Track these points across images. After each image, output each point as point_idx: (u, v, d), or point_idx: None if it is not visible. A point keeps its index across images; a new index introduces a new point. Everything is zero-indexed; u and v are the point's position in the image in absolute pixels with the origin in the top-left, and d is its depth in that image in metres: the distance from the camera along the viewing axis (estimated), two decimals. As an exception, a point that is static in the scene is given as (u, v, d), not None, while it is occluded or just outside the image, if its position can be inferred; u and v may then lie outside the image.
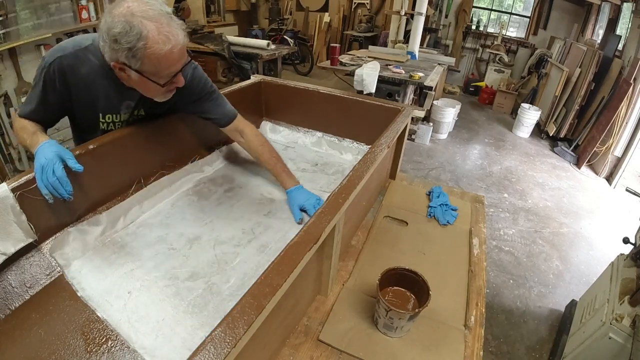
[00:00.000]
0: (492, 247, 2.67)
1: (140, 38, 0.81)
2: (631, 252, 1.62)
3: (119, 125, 1.09)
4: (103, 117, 1.04)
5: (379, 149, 1.03)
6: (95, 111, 1.02)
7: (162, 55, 0.85)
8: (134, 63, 0.85)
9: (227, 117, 1.22)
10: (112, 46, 0.83)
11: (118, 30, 0.80)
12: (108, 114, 1.04)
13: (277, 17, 6.77)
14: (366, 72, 3.14)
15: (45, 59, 0.92)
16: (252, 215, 1.16)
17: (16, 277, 0.82)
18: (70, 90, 0.96)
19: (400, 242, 1.11)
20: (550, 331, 2.04)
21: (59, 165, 0.82)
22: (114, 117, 1.06)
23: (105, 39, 0.84)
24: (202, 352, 0.47)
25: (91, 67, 0.94)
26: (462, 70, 6.56)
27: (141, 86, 0.94)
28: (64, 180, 0.82)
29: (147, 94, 0.98)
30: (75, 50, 0.93)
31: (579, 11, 5.30)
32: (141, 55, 0.83)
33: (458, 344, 0.80)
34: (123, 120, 1.09)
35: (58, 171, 0.81)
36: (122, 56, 0.84)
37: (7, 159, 2.93)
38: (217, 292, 0.87)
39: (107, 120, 1.06)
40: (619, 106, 3.60)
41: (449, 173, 3.72)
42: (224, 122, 1.23)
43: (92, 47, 0.94)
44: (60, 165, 0.82)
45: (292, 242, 0.67)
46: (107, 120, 1.06)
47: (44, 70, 0.91)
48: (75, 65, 0.93)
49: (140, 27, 0.80)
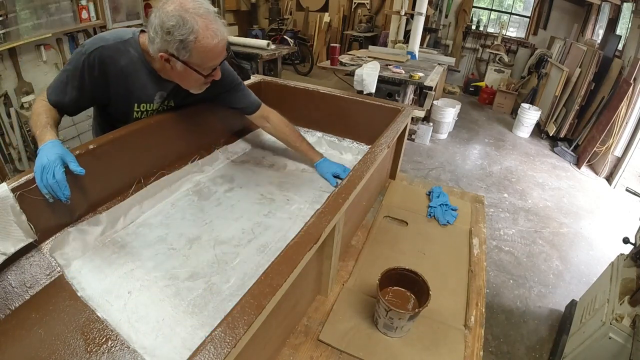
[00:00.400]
0: (492, 247, 2.67)
1: (192, 32, 0.89)
2: (631, 252, 1.62)
3: (150, 114, 1.17)
4: (138, 107, 1.12)
5: (379, 149, 1.03)
6: (130, 101, 1.09)
7: (209, 48, 0.94)
8: (182, 54, 0.93)
9: (253, 105, 1.33)
10: (164, 38, 0.90)
11: (172, 24, 0.88)
12: (142, 103, 1.12)
13: (277, 17, 6.77)
14: (366, 72, 3.14)
15: (86, 46, 0.97)
16: (252, 215, 1.16)
17: (16, 277, 0.82)
18: (108, 80, 1.01)
19: (400, 242, 1.11)
20: (550, 331, 2.04)
21: (59, 169, 0.82)
22: (147, 106, 1.13)
23: (157, 32, 0.91)
24: (202, 352, 0.47)
25: (130, 59, 1.02)
26: (462, 70, 6.56)
27: (183, 77, 1.01)
28: (63, 184, 0.82)
29: (185, 85, 1.06)
30: (116, 42, 0.99)
31: (579, 11, 5.30)
32: (191, 47, 0.92)
33: (458, 344, 0.80)
34: (154, 109, 1.16)
35: (58, 174, 0.81)
36: (172, 47, 0.92)
37: (7, 159, 2.93)
38: (217, 292, 0.87)
39: (141, 109, 1.13)
40: (619, 106, 3.60)
41: (449, 173, 3.72)
42: (251, 110, 1.33)
43: (132, 40, 1.02)
44: (61, 169, 0.82)
45: (292, 242, 0.67)
46: (141, 109, 1.13)
47: (84, 57, 0.96)
48: (115, 56, 0.99)
49: (192, 22, 0.89)
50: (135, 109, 1.12)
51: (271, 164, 1.47)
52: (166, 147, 1.22)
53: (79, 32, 3.26)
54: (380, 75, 3.26)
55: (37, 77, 3.03)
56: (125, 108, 1.10)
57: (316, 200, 1.25)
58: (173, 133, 1.23)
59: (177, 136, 1.25)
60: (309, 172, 1.42)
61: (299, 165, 1.47)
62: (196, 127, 1.32)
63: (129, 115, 1.12)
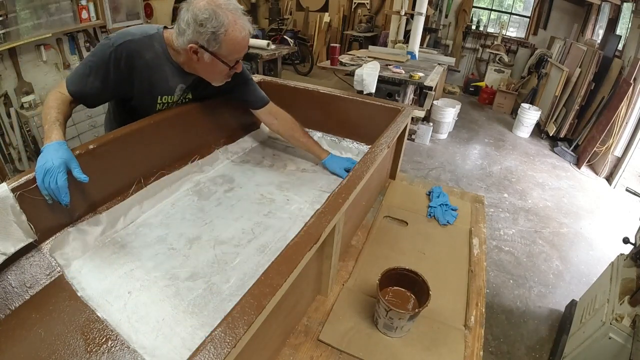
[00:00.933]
0: (492, 247, 2.67)
1: (222, 25, 0.97)
2: (631, 252, 1.62)
3: (171, 106, 1.22)
4: (160, 99, 1.16)
5: (379, 149, 1.03)
6: (154, 93, 1.14)
7: (237, 41, 1.02)
8: (212, 45, 1.00)
9: (262, 100, 1.38)
10: (197, 29, 0.97)
11: (206, 17, 0.96)
12: (165, 95, 1.17)
13: (277, 17, 6.77)
14: (366, 72, 3.14)
15: (112, 39, 1.01)
16: (252, 215, 1.16)
17: (16, 277, 0.81)
18: (133, 73, 1.05)
19: (400, 242, 1.11)
20: (550, 331, 2.04)
21: (62, 175, 0.82)
22: (168, 98, 1.18)
23: (189, 24, 0.97)
24: (202, 352, 0.47)
25: (155, 53, 1.07)
26: (462, 70, 6.56)
27: (208, 68, 1.07)
28: (64, 191, 0.82)
29: (208, 77, 1.13)
30: (143, 37, 1.05)
31: (579, 11, 5.30)
32: (221, 39, 0.99)
33: (458, 344, 0.80)
34: (175, 101, 1.22)
35: (60, 181, 0.81)
36: (203, 39, 0.99)
37: (7, 159, 2.93)
38: (217, 292, 0.87)
39: (163, 101, 1.18)
40: (619, 106, 3.60)
41: (449, 173, 3.72)
42: (260, 105, 1.38)
43: (157, 35, 1.07)
44: (64, 175, 0.82)
45: (292, 242, 0.67)
46: (163, 101, 1.18)
47: (111, 50, 1.00)
48: (141, 50, 1.04)
49: (223, 17, 0.97)
50: (158, 101, 1.16)
51: (271, 164, 1.47)
52: (166, 147, 1.22)
53: (79, 32, 3.26)
54: (380, 75, 3.26)
55: (37, 77, 3.03)
56: (148, 101, 1.15)
57: (316, 200, 1.25)
58: (173, 133, 1.23)
59: (177, 136, 1.25)
60: (309, 172, 1.42)
61: (299, 165, 1.47)
62: (196, 127, 1.32)
63: (152, 107, 1.17)
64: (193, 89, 1.24)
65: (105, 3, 3.31)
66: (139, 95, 1.12)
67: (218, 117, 1.43)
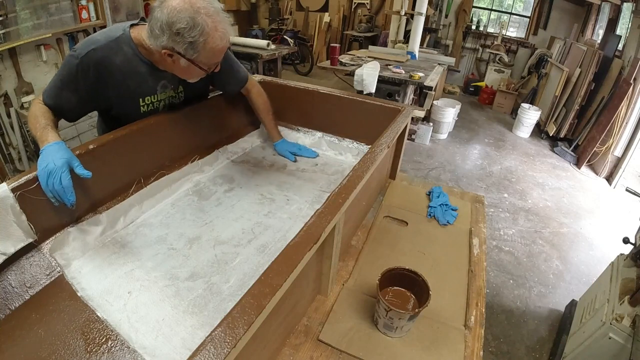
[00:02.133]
0: (492, 247, 2.67)
1: (202, 34, 0.90)
2: (631, 252, 1.62)
3: (158, 105, 1.17)
4: (143, 101, 1.12)
5: (379, 149, 1.03)
6: (134, 97, 1.09)
7: (217, 49, 0.96)
8: (190, 54, 0.94)
9: (242, 82, 1.38)
10: (173, 38, 0.90)
11: (183, 26, 0.88)
12: (147, 96, 1.12)
13: (277, 17, 6.77)
14: (366, 72, 3.14)
15: (77, 50, 0.96)
16: (252, 215, 1.16)
17: (16, 277, 0.81)
18: (106, 80, 1.00)
19: (400, 242, 1.11)
20: (550, 331, 2.04)
21: (66, 175, 0.82)
22: (152, 97, 1.13)
23: (164, 30, 0.90)
24: (202, 352, 0.47)
25: (125, 56, 1.01)
26: (462, 70, 6.56)
27: (184, 71, 1.02)
28: (69, 190, 0.82)
29: (184, 77, 1.06)
30: (108, 42, 0.98)
31: (579, 11, 5.30)
32: (200, 48, 0.93)
33: (458, 344, 0.80)
34: (161, 99, 1.17)
35: (65, 180, 0.81)
36: (180, 47, 0.92)
37: (7, 159, 2.93)
38: (217, 292, 0.87)
39: (147, 102, 1.13)
40: (619, 106, 3.60)
41: (449, 173, 3.72)
42: (239, 87, 1.38)
43: (124, 37, 1.01)
44: (68, 175, 0.82)
45: (292, 242, 0.67)
46: (147, 102, 1.13)
47: (78, 61, 0.95)
48: (109, 56, 0.98)
49: (203, 24, 0.89)
50: (141, 104, 1.12)
51: (271, 164, 1.47)
52: (166, 147, 1.22)
53: (79, 32, 3.26)
54: (380, 75, 3.26)
55: (37, 77, 3.03)
56: (131, 105, 1.11)
57: (316, 200, 1.25)
58: (173, 133, 1.23)
59: (177, 136, 1.25)
60: (309, 172, 1.42)
61: (299, 165, 1.47)
62: (196, 127, 1.32)
63: (137, 110, 1.13)
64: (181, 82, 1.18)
65: (105, 3, 3.30)
66: (119, 102, 1.08)
67: (218, 117, 1.43)
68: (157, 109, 1.18)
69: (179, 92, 1.21)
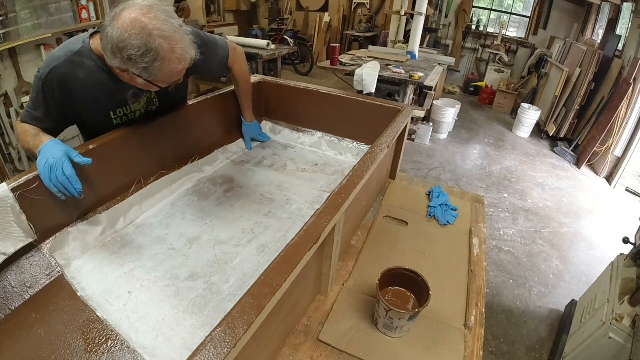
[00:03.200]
0: (492, 247, 2.67)
1: (157, 59, 0.81)
2: (631, 252, 1.62)
3: (133, 116, 1.11)
4: (115, 114, 1.06)
5: (379, 149, 1.03)
6: (104, 110, 1.04)
7: (174, 73, 0.88)
8: (145, 76, 0.86)
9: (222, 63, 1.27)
10: (125, 62, 0.82)
11: (134, 52, 0.79)
12: (118, 108, 1.06)
13: (277, 17, 6.77)
14: (366, 72, 3.14)
15: (41, 71, 0.92)
16: (252, 215, 1.16)
17: (16, 277, 0.82)
18: (72, 96, 0.96)
19: (400, 242, 1.11)
20: (550, 331, 2.04)
21: (68, 164, 0.82)
22: (124, 109, 1.08)
23: (115, 53, 0.81)
24: (202, 352, 0.47)
25: (88, 70, 0.95)
26: (462, 70, 6.56)
27: (144, 86, 0.94)
28: (74, 179, 0.82)
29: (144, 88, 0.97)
30: (69, 57, 0.92)
31: (579, 11, 5.30)
32: (155, 72, 0.85)
33: (458, 344, 0.80)
34: (135, 110, 1.11)
35: (68, 170, 0.81)
36: (134, 69, 0.84)
37: (7, 159, 2.93)
38: (217, 292, 0.87)
39: (119, 114, 1.07)
40: (619, 106, 3.60)
41: (449, 173, 3.72)
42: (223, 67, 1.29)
43: (84, 49, 0.94)
44: (69, 164, 0.82)
45: (292, 242, 0.67)
46: (119, 114, 1.07)
47: (42, 82, 0.91)
48: (72, 72, 0.93)
49: (158, 49, 0.80)
50: (113, 117, 1.06)
51: (271, 164, 1.47)
52: (166, 147, 1.22)
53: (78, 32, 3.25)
54: (380, 75, 3.26)
55: (37, 77, 3.03)
56: (101, 119, 1.05)
57: (316, 200, 1.25)
58: (173, 133, 1.23)
59: (177, 136, 1.25)
60: (309, 172, 1.42)
61: (299, 165, 1.47)
62: (196, 127, 1.32)
63: (109, 124, 1.07)
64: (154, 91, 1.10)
65: (105, 3, 3.31)
66: (89, 116, 1.03)
67: (218, 117, 1.43)
68: (133, 121, 1.12)
69: (152, 98, 1.15)
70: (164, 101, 1.19)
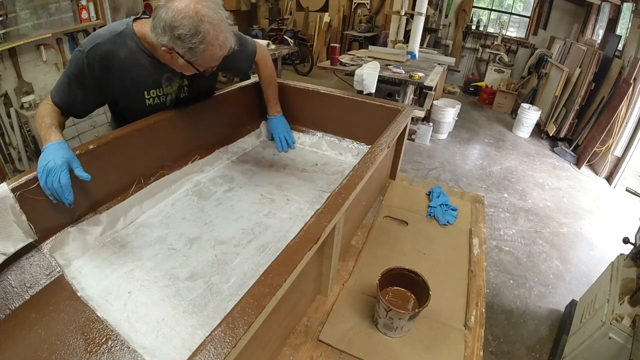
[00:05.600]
0: (492, 247, 2.67)
1: (203, 41, 0.91)
2: (631, 252, 1.62)
3: (164, 99, 1.18)
4: (148, 94, 1.13)
5: (379, 149, 1.03)
6: (139, 89, 1.11)
7: (215, 57, 0.98)
8: (188, 56, 0.95)
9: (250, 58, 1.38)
10: (173, 40, 0.91)
11: (185, 31, 0.89)
12: (152, 89, 1.13)
13: (277, 17, 6.77)
14: (366, 72, 3.14)
15: (83, 46, 0.98)
16: (252, 215, 1.16)
17: (16, 277, 0.82)
18: (111, 74, 1.03)
19: (400, 242, 1.11)
20: (550, 331, 2.04)
21: (65, 174, 0.82)
22: (157, 91, 1.15)
23: (166, 31, 0.90)
24: (202, 352, 0.47)
25: (129, 50, 1.03)
26: (462, 70, 6.56)
27: (180, 67, 1.02)
28: (68, 190, 0.83)
29: (180, 71, 1.07)
30: (112, 36, 1.01)
31: (579, 11, 5.30)
32: (199, 54, 0.94)
33: (458, 344, 0.80)
34: (167, 93, 1.18)
35: (64, 180, 0.82)
36: (179, 49, 0.93)
37: (7, 159, 2.93)
38: (217, 292, 0.87)
39: (152, 95, 1.14)
40: (619, 106, 3.60)
41: (449, 173, 3.72)
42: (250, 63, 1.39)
43: (127, 31, 1.03)
44: (66, 174, 0.82)
45: (292, 242, 0.67)
46: (152, 95, 1.14)
47: (83, 57, 0.97)
48: (114, 50, 1.01)
49: (204, 33, 0.90)
50: (146, 97, 1.13)
51: (271, 164, 1.47)
52: (166, 147, 1.22)
53: (79, 32, 3.26)
54: (380, 75, 3.26)
55: (37, 77, 3.03)
56: (136, 98, 1.12)
57: (316, 200, 1.25)
58: (173, 133, 1.23)
59: (177, 136, 1.25)
60: (309, 172, 1.42)
61: (299, 165, 1.47)
62: (196, 127, 1.32)
63: (142, 104, 1.14)
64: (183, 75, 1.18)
65: (105, 3, 3.31)
66: (124, 95, 1.10)
67: (218, 117, 1.43)
68: (164, 103, 1.20)
69: (183, 85, 1.22)
70: (195, 90, 1.26)
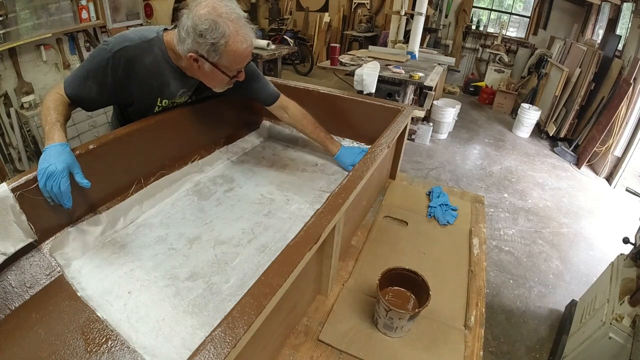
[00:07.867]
0: (492, 247, 2.67)
1: (223, 36, 0.93)
2: (631, 252, 1.62)
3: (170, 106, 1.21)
4: (160, 102, 1.15)
5: (379, 149, 1.03)
6: (154, 97, 1.13)
7: (238, 52, 0.98)
8: (212, 56, 0.97)
9: (272, 96, 1.36)
10: (196, 39, 0.94)
11: (205, 27, 0.92)
12: (165, 99, 1.16)
13: (277, 17, 6.77)
14: (366, 72, 3.14)
15: (110, 44, 0.98)
16: (252, 215, 1.15)
17: (16, 277, 0.81)
18: (132, 79, 1.04)
19: (400, 242, 1.11)
20: (550, 331, 2.04)
21: (65, 180, 0.82)
22: (169, 101, 1.18)
23: (189, 32, 0.94)
24: (202, 352, 0.47)
25: (155, 58, 1.04)
26: (462, 70, 6.56)
27: (209, 76, 1.05)
28: (67, 195, 0.82)
29: (209, 84, 1.10)
30: (142, 42, 1.02)
31: (579, 11, 5.30)
32: (221, 50, 0.96)
33: (458, 344, 0.80)
34: (176, 102, 1.21)
35: (63, 186, 0.81)
36: (203, 49, 0.95)
37: (7, 159, 2.93)
38: (217, 292, 0.87)
39: (163, 104, 1.17)
40: (619, 106, 3.60)
41: (449, 173, 3.72)
42: (270, 101, 1.36)
43: (157, 39, 1.04)
44: (67, 181, 0.82)
45: (292, 242, 0.66)
46: (163, 104, 1.17)
47: (109, 55, 0.97)
48: (140, 55, 1.02)
49: (224, 27, 0.93)
50: (157, 104, 1.15)
51: (271, 164, 1.47)
52: (166, 147, 1.22)
53: (79, 32, 3.26)
54: (380, 75, 3.26)
55: (37, 77, 3.03)
56: (147, 104, 1.13)
57: (316, 200, 1.25)
58: (173, 133, 1.23)
59: (177, 136, 1.25)
60: (309, 172, 1.42)
61: (299, 165, 1.47)
62: (196, 127, 1.32)
63: (151, 110, 1.16)
64: (196, 92, 1.23)
65: (105, 3, 3.31)
66: (139, 100, 1.11)
67: (218, 117, 1.43)
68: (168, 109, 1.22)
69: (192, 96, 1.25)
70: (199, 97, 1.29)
